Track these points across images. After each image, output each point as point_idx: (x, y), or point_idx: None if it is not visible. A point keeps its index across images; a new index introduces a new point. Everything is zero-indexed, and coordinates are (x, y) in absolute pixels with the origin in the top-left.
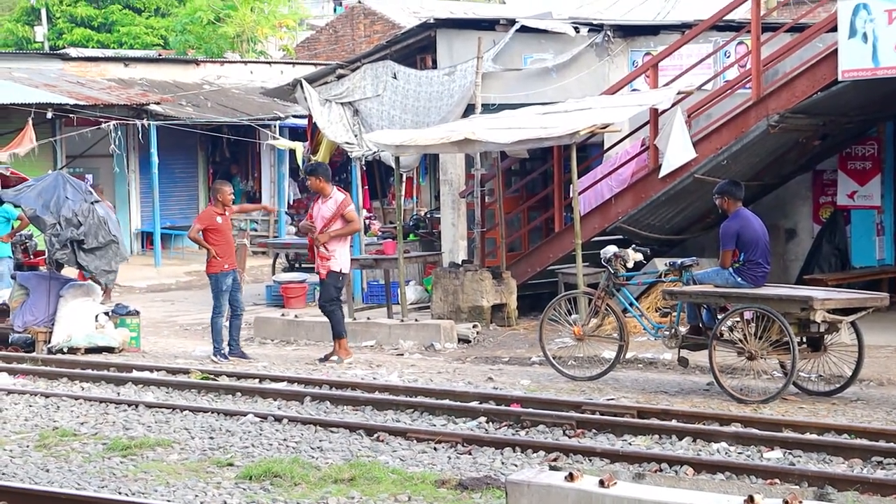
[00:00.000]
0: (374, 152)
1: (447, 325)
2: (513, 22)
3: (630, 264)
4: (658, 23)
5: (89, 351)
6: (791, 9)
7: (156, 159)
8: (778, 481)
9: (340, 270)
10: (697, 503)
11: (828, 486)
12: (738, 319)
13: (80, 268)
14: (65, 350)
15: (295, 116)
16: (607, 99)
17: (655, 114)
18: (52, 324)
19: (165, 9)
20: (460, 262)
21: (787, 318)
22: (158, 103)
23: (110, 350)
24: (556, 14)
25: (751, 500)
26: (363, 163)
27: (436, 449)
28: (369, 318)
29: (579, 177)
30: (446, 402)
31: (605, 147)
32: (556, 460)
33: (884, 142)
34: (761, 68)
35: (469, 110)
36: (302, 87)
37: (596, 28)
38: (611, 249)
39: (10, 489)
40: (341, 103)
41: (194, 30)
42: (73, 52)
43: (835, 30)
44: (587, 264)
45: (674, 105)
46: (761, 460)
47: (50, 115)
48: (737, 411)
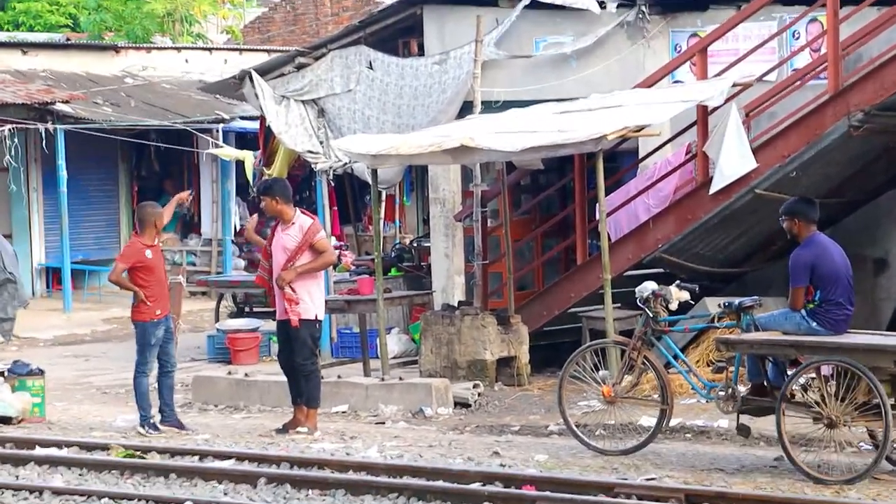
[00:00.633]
0: (345, 164)
1: (440, 384)
2: None
3: (673, 305)
4: None
5: None
6: None
7: (64, 174)
8: None
9: (316, 317)
10: None
11: None
12: (814, 376)
13: None
14: None
15: (243, 118)
16: (642, 94)
17: (704, 112)
18: None
19: None
20: (456, 304)
21: (876, 374)
22: (67, 102)
23: (6, 421)
24: None
25: None
26: (331, 177)
27: None
28: (340, 377)
29: (608, 193)
30: (440, 483)
31: (641, 156)
32: None
33: None
34: (840, 53)
35: (466, 109)
36: (251, 81)
37: (627, 3)
38: (649, 287)
39: None
40: (302, 101)
41: (112, 7)
42: None
43: None
44: (618, 306)
45: (728, 101)
46: None
47: None
48: (813, 494)
